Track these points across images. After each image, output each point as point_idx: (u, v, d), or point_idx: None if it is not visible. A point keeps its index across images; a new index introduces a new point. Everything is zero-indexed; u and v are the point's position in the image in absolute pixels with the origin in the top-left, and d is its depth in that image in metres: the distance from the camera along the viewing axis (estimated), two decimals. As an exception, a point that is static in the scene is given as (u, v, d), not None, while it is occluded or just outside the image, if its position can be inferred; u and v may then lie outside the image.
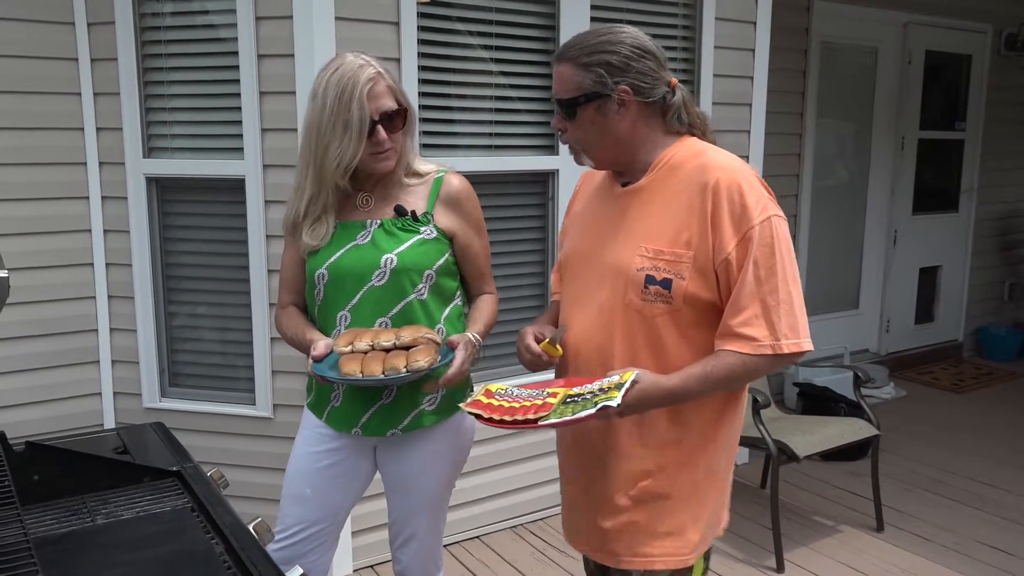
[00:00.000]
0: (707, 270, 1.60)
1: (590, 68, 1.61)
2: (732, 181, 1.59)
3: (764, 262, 1.57)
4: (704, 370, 1.58)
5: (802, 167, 5.16)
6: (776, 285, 1.57)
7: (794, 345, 1.58)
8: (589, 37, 1.64)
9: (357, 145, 1.83)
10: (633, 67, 1.61)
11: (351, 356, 1.81)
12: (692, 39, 3.70)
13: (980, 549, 3.42)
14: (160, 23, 3.01)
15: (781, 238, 1.58)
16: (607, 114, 1.64)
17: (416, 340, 1.84)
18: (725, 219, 1.58)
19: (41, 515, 1.56)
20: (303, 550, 2.04)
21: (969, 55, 6.04)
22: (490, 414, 1.57)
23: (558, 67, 1.65)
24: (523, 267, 3.38)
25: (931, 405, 5.29)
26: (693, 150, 1.68)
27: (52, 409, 3.17)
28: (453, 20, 3.14)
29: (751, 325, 1.57)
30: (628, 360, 1.66)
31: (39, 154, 3.04)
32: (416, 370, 1.77)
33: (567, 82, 1.63)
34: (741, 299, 1.58)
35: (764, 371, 1.61)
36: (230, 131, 2.97)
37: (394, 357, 1.79)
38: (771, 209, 1.59)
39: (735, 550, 3.37)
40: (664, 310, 1.62)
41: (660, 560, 1.71)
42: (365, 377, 1.78)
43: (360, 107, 1.81)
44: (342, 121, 1.82)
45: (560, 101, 1.66)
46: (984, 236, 6.42)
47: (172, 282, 3.17)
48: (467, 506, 3.39)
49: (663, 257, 1.62)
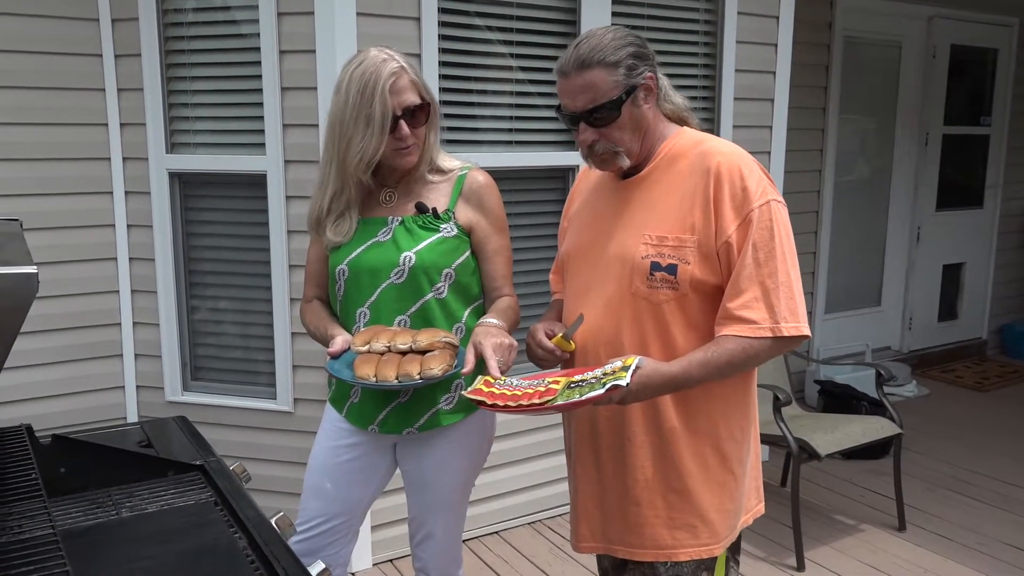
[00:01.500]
0: (710, 254, 1.61)
1: (620, 64, 1.60)
2: (733, 165, 1.61)
3: (763, 245, 1.58)
4: (705, 356, 1.58)
5: (824, 163, 5.12)
6: (775, 268, 1.58)
7: (794, 328, 1.58)
8: (597, 41, 1.61)
9: (379, 140, 1.83)
10: (646, 54, 1.65)
11: (366, 358, 1.80)
12: (714, 34, 3.67)
13: (1003, 549, 3.38)
14: (183, 19, 3.03)
15: (780, 222, 1.60)
16: (639, 105, 1.65)
17: (432, 345, 1.81)
18: (726, 202, 1.59)
19: (68, 507, 1.58)
20: (322, 543, 2.05)
21: (995, 49, 5.96)
22: (493, 401, 1.56)
23: (586, 75, 1.60)
24: (541, 263, 3.38)
25: (954, 404, 5.23)
26: (693, 139, 1.70)
27: (76, 402, 3.20)
28: (473, 16, 3.14)
29: (750, 308, 1.57)
30: (637, 351, 1.65)
31: (64, 149, 3.07)
32: (429, 378, 1.76)
33: (603, 84, 1.60)
34: (740, 281, 1.58)
35: (765, 355, 1.61)
36: (252, 127, 2.98)
37: (408, 363, 1.77)
38: (771, 194, 1.61)
39: (756, 548, 3.35)
40: (671, 296, 1.63)
41: (684, 552, 1.71)
42: (379, 382, 1.76)
43: (383, 102, 1.80)
44: (364, 116, 1.82)
45: (601, 107, 1.61)
46: (1009, 233, 6.34)
47: (194, 276, 3.20)
48: (486, 501, 3.40)
49: (667, 243, 1.63)
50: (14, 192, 3.01)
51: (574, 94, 1.63)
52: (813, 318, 5.22)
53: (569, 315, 1.81)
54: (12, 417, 2.97)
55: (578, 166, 3.37)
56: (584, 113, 1.63)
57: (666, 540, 1.72)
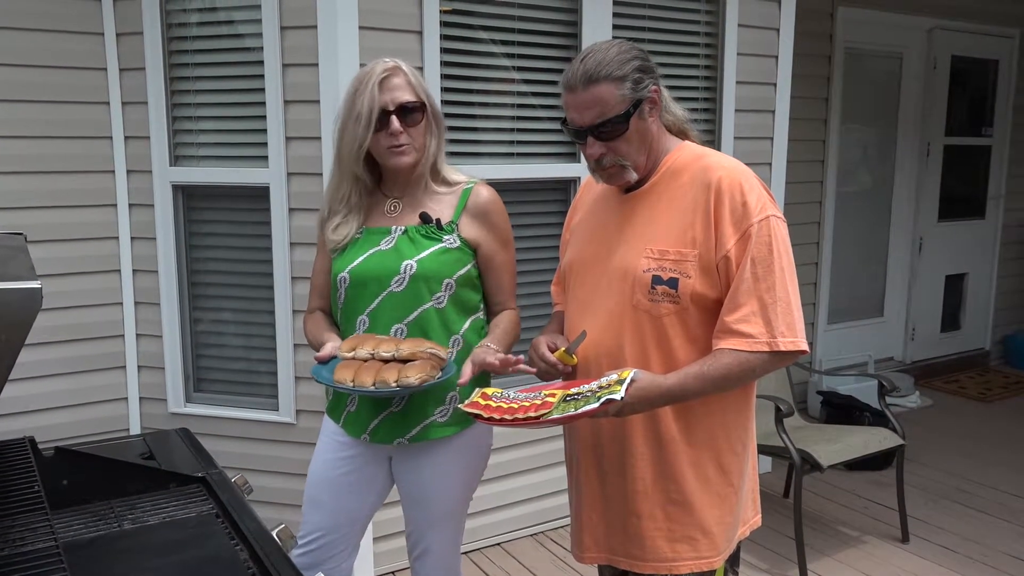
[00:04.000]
0: (710, 268, 1.62)
1: (627, 78, 1.62)
2: (734, 180, 1.62)
3: (762, 260, 1.59)
4: (701, 369, 1.59)
5: (826, 174, 5.12)
6: (773, 283, 1.59)
7: (791, 343, 1.59)
8: (603, 55, 1.62)
9: (366, 131, 1.88)
10: (650, 67, 1.67)
11: (347, 364, 1.83)
12: (715, 46, 3.69)
13: (1007, 561, 3.37)
14: (187, 33, 3.05)
15: (779, 238, 1.61)
16: (645, 118, 1.66)
17: (415, 354, 1.82)
18: (726, 216, 1.61)
19: (70, 520, 1.59)
20: (324, 556, 2.05)
21: (996, 60, 5.97)
22: (489, 414, 1.57)
23: (594, 90, 1.60)
24: (544, 274, 3.38)
25: (957, 414, 5.22)
26: (695, 153, 1.72)
27: (79, 414, 3.21)
28: (475, 28, 3.16)
29: (748, 322, 1.59)
30: (638, 363, 1.66)
31: (68, 162, 3.09)
32: (405, 386, 1.76)
33: (611, 99, 1.61)
34: (738, 296, 1.60)
35: (761, 370, 1.62)
36: (255, 139, 3.00)
37: (387, 370, 1.79)
38: (770, 209, 1.62)
39: (758, 560, 3.34)
40: (672, 310, 1.64)
41: (684, 564, 1.71)
42: (355, 387, 1.77)
43: (371, 96, 1.87)
44: (356, 111, 1.88)
45: (608, 121, 1.62)
46: (1011, 243, 6.33)
47: (197, 288, 3.21)
48: (488, 513, 3.39)
49: (668, 257, 1.64)
50: (19, 204, 3.02)
51: (581, 109, 1.64)
52: (815, 329, 5.22)
53: (571, 327, 1.82)
54: (15, 429, 2.98)
55: (579, 178, 3.39)
56: (592, 127, 1.64)
57: (666, 553, 1.72)
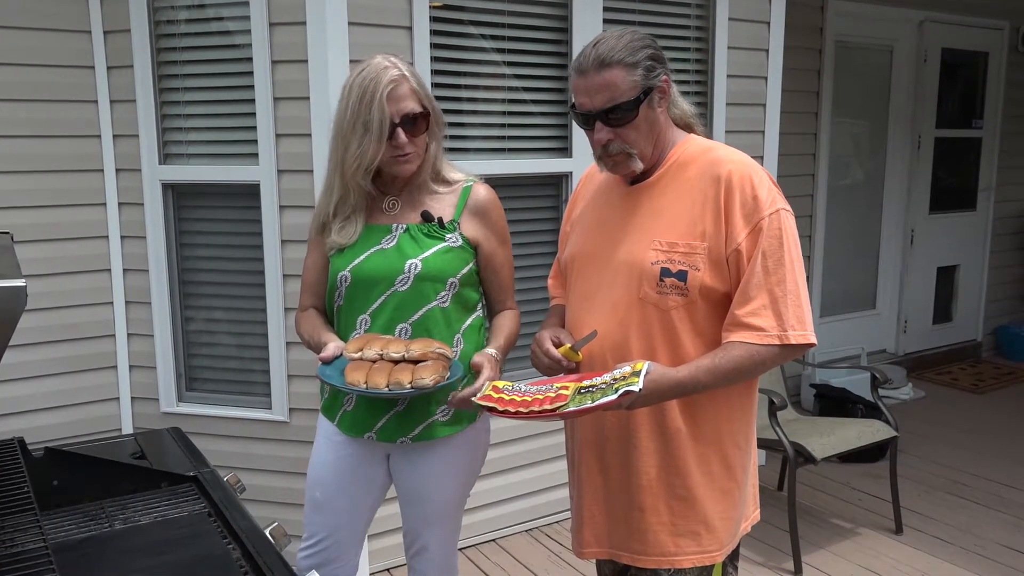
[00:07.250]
0: (720, 261, 1.62)
1: (639, 64, 1.61)
2: (744, 174, 1.63)
3: (773, 253, 1.60)
4: (712, 362, 1.59)
5: (817, 167, 5.13)
6: (784, 276, 1.60)
7: (801, 336, 1.60)
8: (616, 41, 1.62)
9: (376, 147, 1.83)
10: (661, 57, 1.66)
11: (357, 365, 1.79)
12: (705, 40, 3.68)
13: (1001, 551, 3.38)
14: (175, 30, 3.03)
15: (789, 231, 1.62)
16: (654, 107, 1.66)
17: (426, 355, 1.80)
18: (737, 210, 1.61)
19: (60, 520, 1.58)
20: (330, 556, 2.05)
21: (986, 52, 5.99)
22: (504, 407, 1.56)
23: (606, 74, 1.60)
24: (537, 269, 3.38)
25: (950, 406, 5.24)
26: (701, 146, 1.72)
27: (70, 414, 3.19)
28: (466, 24, 3.15)
29: (758, 315, 1.59)
30: (645, 356, 1.66)
31: (57, 161, 3.07)
32: (420, 388, 1.75)
33: (622, 84, 1.60)
34: (749, 289, 1.60)
35: (771, 363, 1.62)
36: (245, 137, 2.99)
37: (400, 371, 1.76)
38: (780, 203, 1.63)
39: (753, 552, 3.35)
40: (680, 303, 1.64)
41: (687, 559, 1.71)
42: (369, 389, 1.75)
43: (380, 109, 1.80)
44: (362, 122, 1.82)
45: (618, 106, 1.61)
46: (1002, 235, 6.36)
47: (188, 287, 3.19)
48: (483, 509, 3.39)
49: (678, 249, 1.64)
50: (7, 204, 3.00)
51: (592, 93, 1.63)
52: (808, 322, 5.22)
53: (574, 320, 1.81)
54: (6, 430, 2.97)
55: (571, 173, 3.38)
56: (601, 112, 1.63)
57: (669, 547, 1.72)
